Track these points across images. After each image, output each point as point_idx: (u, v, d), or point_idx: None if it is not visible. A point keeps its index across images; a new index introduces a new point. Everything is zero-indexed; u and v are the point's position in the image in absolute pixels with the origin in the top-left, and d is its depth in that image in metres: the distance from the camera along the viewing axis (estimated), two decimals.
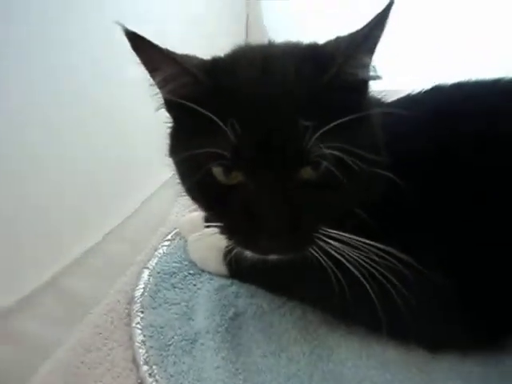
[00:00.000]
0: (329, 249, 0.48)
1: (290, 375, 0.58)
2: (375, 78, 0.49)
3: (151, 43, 0.45)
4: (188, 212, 0.84)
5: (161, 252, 0.80)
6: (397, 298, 0.48)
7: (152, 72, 0.48)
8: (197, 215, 0.77)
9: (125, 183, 0.85)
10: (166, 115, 0.54)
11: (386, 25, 0.44)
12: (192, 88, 0.48)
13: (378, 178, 0.48)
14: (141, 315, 0.68)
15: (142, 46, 0.46)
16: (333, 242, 0.47)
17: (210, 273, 0.74)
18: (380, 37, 0.45)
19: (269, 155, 0.44)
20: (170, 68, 0.47)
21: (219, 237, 0.52)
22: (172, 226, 0.86)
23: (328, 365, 0.58)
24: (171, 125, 0.55)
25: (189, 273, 0.75)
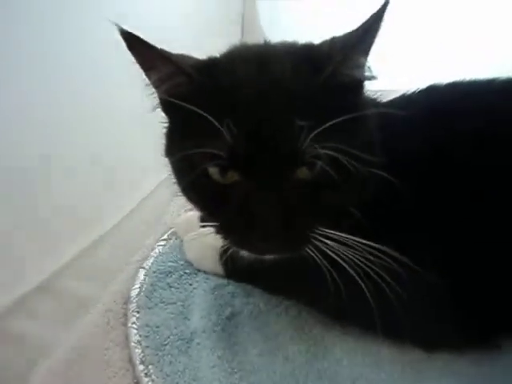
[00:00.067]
0: (324, 248, 0.48)
1: (286, 374, 0.58)
2: (370, 78, 0.49)
3: (146, 43, 0.45)
4: (184, 212, 0.84)
5: (157, 252, 0.79)
6: (391, 297, 0.49)
7: (147, 72, 0.48)
8: (192, 215, 0.77)
9: (121, 183, 0.85)
10: (162, 115, 0.54)
11: (381, 25, 0.44)
12: (187, 88, 0.48)
13: (374, 178, 0.48)
14: (137, 315, 0.67)
15: (138, 46, 0.46)
16: (328, 242, 0.47)
17: (206, 272, 0.73)
18: (375, 37, 0.45)
19: (264, 155, 0.45)
20: (166, 68, 0.47)
21: (215, 236, 0.52)
22: (168, 226, 0.85)
23: (323, 364, 0.58)
24: (167, 125, 0.55)
25: (185, 272, 0.74)
